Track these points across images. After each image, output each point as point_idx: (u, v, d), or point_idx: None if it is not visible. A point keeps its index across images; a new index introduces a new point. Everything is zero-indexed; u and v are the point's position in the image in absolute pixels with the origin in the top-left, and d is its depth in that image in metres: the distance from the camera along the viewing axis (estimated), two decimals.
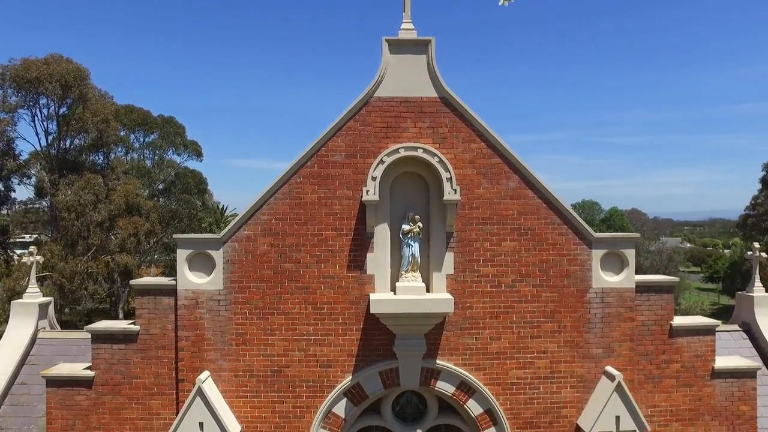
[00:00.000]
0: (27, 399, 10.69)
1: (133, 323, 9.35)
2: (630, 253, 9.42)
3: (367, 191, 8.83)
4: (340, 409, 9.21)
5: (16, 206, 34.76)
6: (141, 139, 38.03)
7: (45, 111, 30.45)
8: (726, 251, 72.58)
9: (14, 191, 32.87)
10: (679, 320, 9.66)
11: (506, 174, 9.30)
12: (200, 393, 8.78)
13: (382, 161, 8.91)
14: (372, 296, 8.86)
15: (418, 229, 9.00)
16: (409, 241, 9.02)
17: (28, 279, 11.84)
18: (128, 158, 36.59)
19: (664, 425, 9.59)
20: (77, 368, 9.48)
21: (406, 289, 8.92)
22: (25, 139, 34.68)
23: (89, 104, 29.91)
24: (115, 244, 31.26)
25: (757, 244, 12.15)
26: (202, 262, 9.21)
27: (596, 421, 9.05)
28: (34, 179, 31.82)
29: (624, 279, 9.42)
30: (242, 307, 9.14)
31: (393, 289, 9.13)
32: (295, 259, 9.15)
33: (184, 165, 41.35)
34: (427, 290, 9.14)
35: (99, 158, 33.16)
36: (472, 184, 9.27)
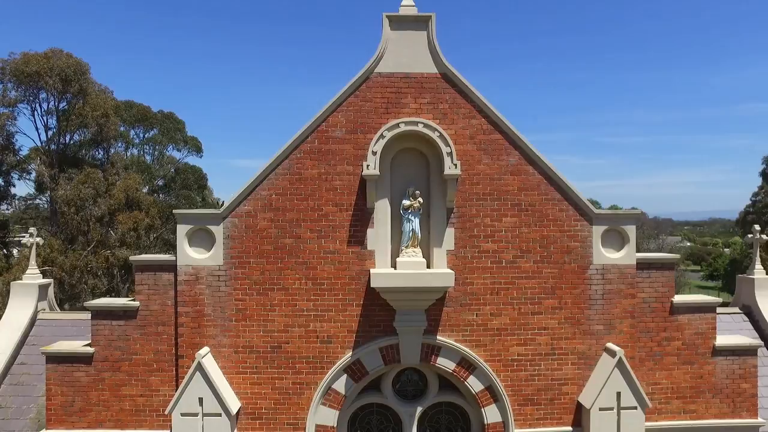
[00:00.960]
0: (27, 378, 10.68)
1: (133, 300, 9.33)
2: (631, 230, 9.41)
3: (368, 165, 8.82)
4: (340, 385, 9.18)
5: (16, 202, 34.73)
6: (141, 135, 38.07)
7: (45, 105, 30.46)
8: (726, 250, 72.57)
9: (14, 186, 32.87)
10: (680, 298, 9.64)
11: (507, 150, 9.29)
12: (200, 368, 8.75)
13: (382, 136, 8.90)
14: (372, 271, 8.84)
15: (418, 204, 8.99)
16: (410, 217, 9.00)
17: (28, 260, 11.82)
18: (128, 154, 36.60)
19: (664, 402, 9.57)
20: (77, 345, 9.45)
21: (406, 264, 8.90)
22: (24, 134, 34.61)
23: (89, 99, 29.89)
24: (114, 239, 31.19)
25: (757, 227, 12.14)
26: (202, 238, 9.20)
27: (597, 397, 9.03)
28: (33, 174, 31.79)
29: (625, 255, 9.40)
30: (242, 283, 9.12)
31: (393, 265, 9.12)
32: (295, 234, 9.14)
33: (184, 161, 41.46)
34: (428, 266, 9.12)
35: (99, 153, 33.16)
36: (473, 159, 9.26)
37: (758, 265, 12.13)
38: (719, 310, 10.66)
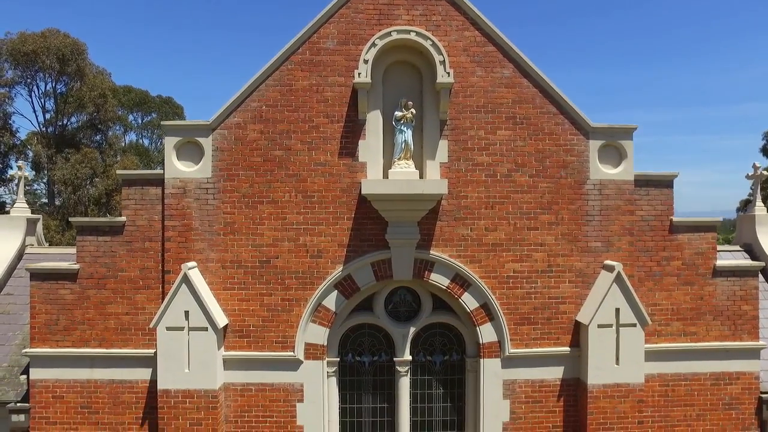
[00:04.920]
0: (13, 308, 10.48)
1: (119, 216, 9.13)
2: (628, 145, 9.21)
3: (359, 74, 8.64)
4: (330, 302, 8.94)
5: (13, 186, 34.63)
6: (139, 120, 38.03)
7: (42, 87, 30.43)
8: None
9: (12, 168, 32.73)
10: (680, 216, 9.42)
11: (501, 62, 9.11)
12: (186, 280, 8.53)
13: (374, 44, 8.71)
14: (364, 179, 8.64)
15: (411, 116, 8.80)
16: (402, 128, 8.81)
17: (17, 194, 11.64)
18: (126, 138, 36.58)
19: (665, 324, 9.32)
20: (62, 263, 9.24)
21: (398, 174, 8.69)
22: (22, 115, 34.57)
23: (87, 79, 29.87)
24: None
25: (758, 163, 11.93)
26: (190, 151, 9.00)
27: (595, 313, 8.79)
28: (31, 154, 31.66)
29: (622, 171, 9.20)
30: (231, 196, 8.92)
31: (386, 177, 8.90)
32: (285, 146, 8.94)
33: None
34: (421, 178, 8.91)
35: (97, 136, 33.05)
36: (466, 72, 9.08)
37: (759, 203, 11.91)
38: (720, 247, 10.46)
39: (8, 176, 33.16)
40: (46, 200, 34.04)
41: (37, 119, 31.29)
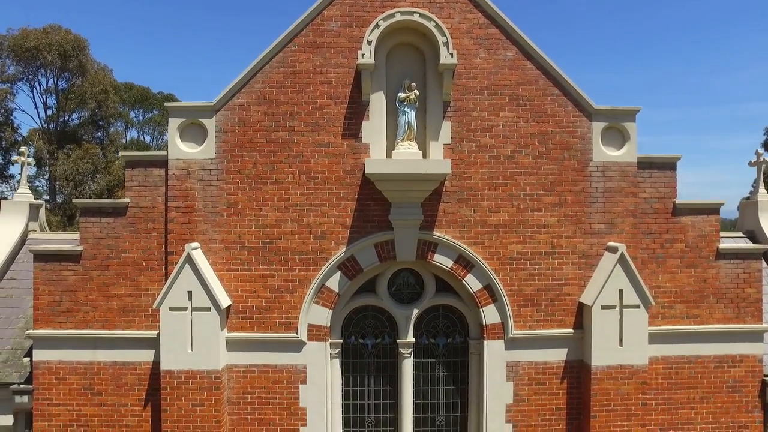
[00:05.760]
0: (16, 292, 10.50)
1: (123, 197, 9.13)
2: (631, 127, 9.21)
3: (363, 55, 8.64)
4: (333, 283, 8.94)
5: (15, 182, 34.64)
6: (141, 117, 38.05)
7: (44, 83, 30.43)
8: None
9: (13, 164, 32.74)
10: (683, 198, 9.41)
11: (504, 44, 9.12)
12: (189, 260, 8.54)
13: (377, 25, 8.72)
14: (367, 159, 8.65)
15: (414, 97, 8.80)
16: (405, 109, 8.80)
17: (20, 180, 11.65)
18: (127, 135, 36.62)
19: (668, 306, 9.31)
20: (65, 244, 9.24)
21: (402, 154, 8.70)
22: (24, 111, 34.64)
23: (88, 75, 29.90)
24: None
25: (760, 150, 11.94)
26: (194, 133, 9.00)
27: (599, 294, 8.78)
28: (32, 149, 31.68)
29: (625, 153, 9.19)
30: (234, 177, 8.92)
31: (389, 158, 8.91)
32: (288, 127, 8.95)
33: None
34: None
35: (98, 133, 33.06)
36: (469, 53, 9.08)
37: (762, 189, 11.91)
38: (722, 234, 10.44)
39: (9, 173, 33.23)
40: (47, 197, 34.07)
41: (38, 115, 31.37)
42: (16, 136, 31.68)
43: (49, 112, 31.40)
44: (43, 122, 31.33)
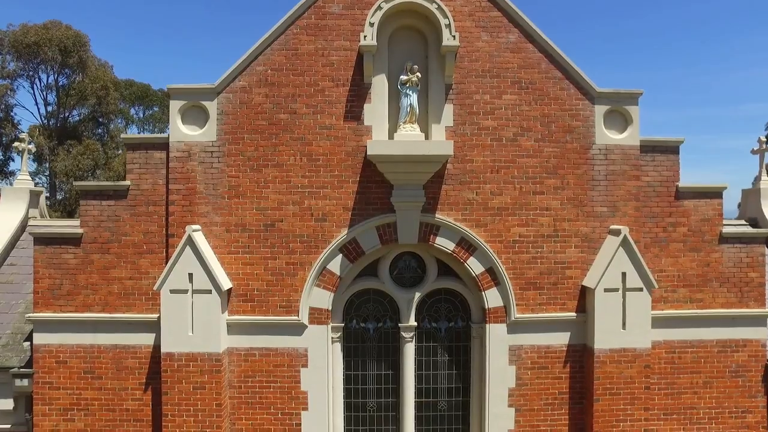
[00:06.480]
0: (16, 278, 10.45)
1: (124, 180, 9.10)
2: (634, 110, 9.18)
3: (365, 36, 8.61)
4: (335, 266, 8.90)
5: (15, 179, 34.62)
6: (141, 114, 38.01)
7: (45, 79, 30.40)
8: None
9: (13, 160, 32.74)
10: (686, 182, 9.37)
11: (506, 27, 9.09)
12: (190, 242, 8.50)
13: (379, 7, 8.67)
14: (369, 141, 8.61)
15: (416, 79, 8.77)
16: (408, 92, 8.77)
17: (20, 166, 11.61)
18: (128, 131, 36.47)
19: (671, 291, 9.27)
20: (66, 227, 9.21)
21: (404, 136, 8.66)
22: (24, 107, 34.63)
23: (89, 71, 29.87)
24: None
25: (763, 137, 11.90)
26: (195, 115, 8.97)
27: (602, 277, 8.75)
28: (33, 146, 31.64)
29: (628, 137, 9.16)
30: (236, 159, 8.89)
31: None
32: (290, 109, 8.91)
33: None
34: None
35: (99, 130, 33.04)
36: (471, 36, 9.06)
37: (765, 177, 11.85)
38: (725, 221, 10.39)
39: (9, 170, 33.19)
40: (48, 194, 34.03)
41: (39, 111, 31.32)
42: (17, 132, 31.62)
43: (50, 108, 31.38)
44: (43, 118, 31.30)
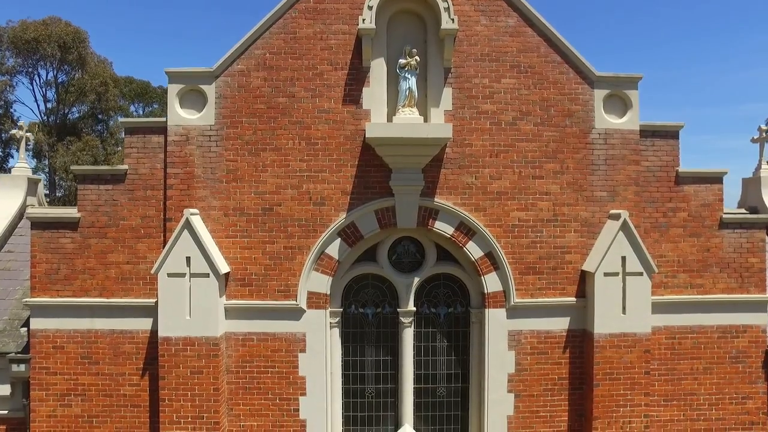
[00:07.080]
0: (14, 265, 10.41)
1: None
2: (633, 95, 9.14)
3: (363, 20, 8.58)
4: (333, 250, 8.86)
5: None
6: (141, 111, 37.96)
7: (44, 76, 30.37)
8: None
9: (13, 157, 32.71)
10: (686, 167, 9.33)
11: (505, 11, 9.06)
12: (188, 226, 8.46)
13: None
14: (368, 124, 8.58)
15: (415, 63, 8.73)
16: (406, 75, 8.74)
17: (18, 153, 11.57)
18: None
19: (671, 276, 9.23)
20: (63, 212, 9.17)
21: (403, 119, 8.63)
22: (23, 104, 34.59)
23: (88, 68, 29.85)
24: None
25: (764, 126, 11.86)
26: (193, 99, 8.95)
27: (601, 261, 8.71)
28: (32, 143, 31.61)
29: (627, 121, 9.13)
30: (234, 143, 8.85)
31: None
32: (289, 93, 8.88)
33: None
34: None
35: (98, 127, 33.02)
36: (470, 20, 9.03)
37: (765, 165, 11.81)
38: (725, 210, 10.35)
39: (9, 166, 33.13)
40: (47, 191, 34.02)
41: (38, 108, 31.31)
42: (16, 128, 31.60)
43: (49, 105, 31.36)
44: (42, 115, 31.28)
